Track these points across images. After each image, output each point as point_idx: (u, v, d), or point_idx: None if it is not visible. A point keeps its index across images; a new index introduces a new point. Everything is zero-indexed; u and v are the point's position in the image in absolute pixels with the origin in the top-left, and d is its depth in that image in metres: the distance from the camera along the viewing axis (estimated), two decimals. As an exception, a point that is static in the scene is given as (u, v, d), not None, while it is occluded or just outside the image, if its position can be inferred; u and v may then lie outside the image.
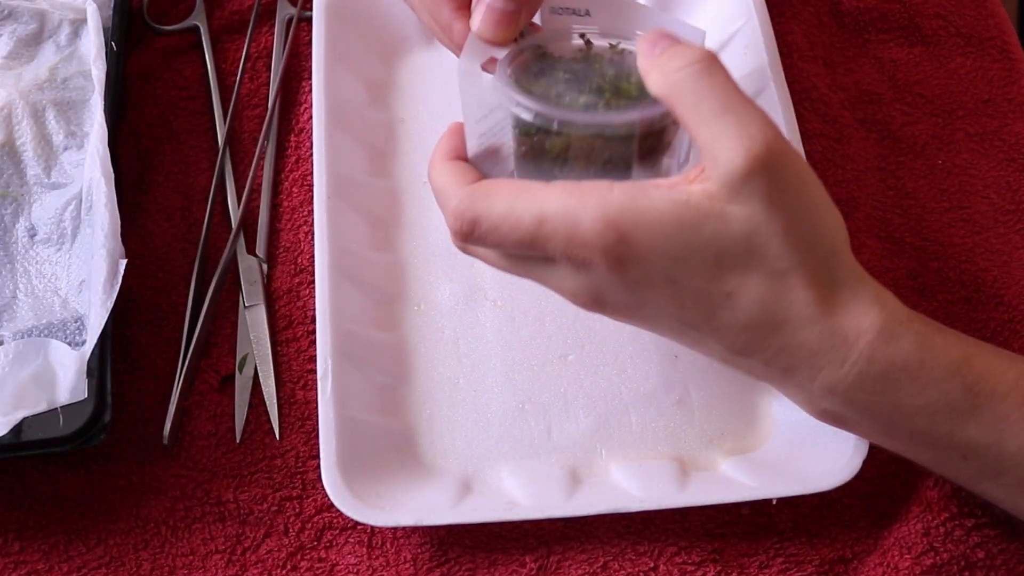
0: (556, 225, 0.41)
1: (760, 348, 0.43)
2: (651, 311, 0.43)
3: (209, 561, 0.51)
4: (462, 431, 0.54)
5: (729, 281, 0.41)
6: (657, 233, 0.40)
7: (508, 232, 0.42)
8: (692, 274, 0.41)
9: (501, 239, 0.43)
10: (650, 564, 0.50)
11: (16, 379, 0.50)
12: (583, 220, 0.41)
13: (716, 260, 0.41)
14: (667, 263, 0.41)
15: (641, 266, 0.41)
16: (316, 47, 0.60)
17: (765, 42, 0.60)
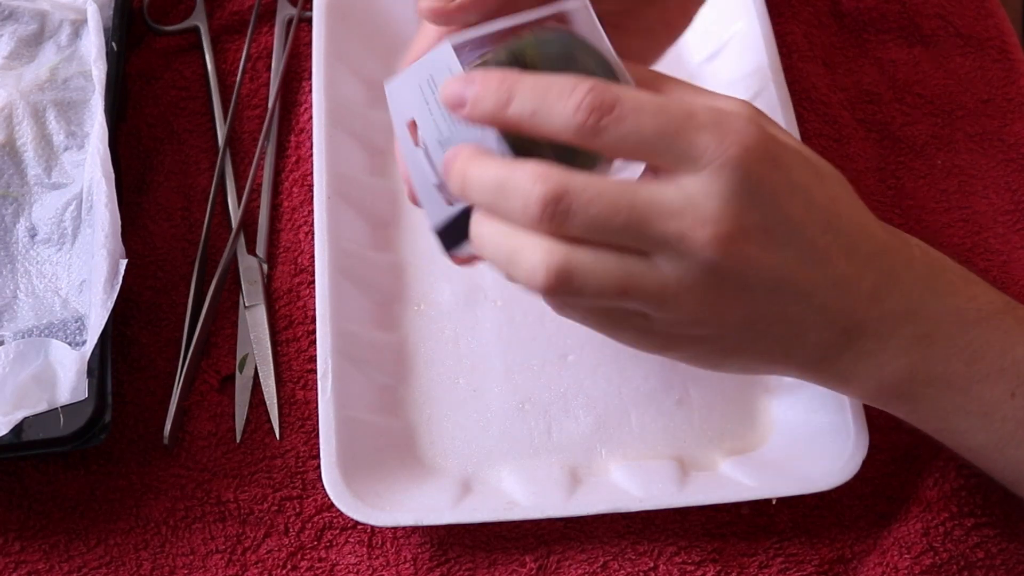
0: (706, 114, 0.38)
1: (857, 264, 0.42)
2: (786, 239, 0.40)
3: (209, 561, 0.51)
4: (462, 431, 0.54)
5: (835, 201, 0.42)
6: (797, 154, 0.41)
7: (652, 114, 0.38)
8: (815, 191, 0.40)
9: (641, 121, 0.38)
10: (650, 564, 0.51)
11: (16, 379, 0.50)
12: (739, 116, 0.39)
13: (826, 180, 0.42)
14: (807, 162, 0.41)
15: (791, 157, 0.40)
16: (316, 47, 0.60)
17: (765, 42, 0.60)
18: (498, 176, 0.39)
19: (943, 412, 0.45)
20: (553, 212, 0.38)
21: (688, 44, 0.64)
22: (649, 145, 0.38)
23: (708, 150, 0.38)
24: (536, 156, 0.40)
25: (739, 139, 0.38)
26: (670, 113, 0.38)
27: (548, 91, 0.39)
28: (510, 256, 0.40)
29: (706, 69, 0.63)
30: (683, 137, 0.38)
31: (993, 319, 0.44)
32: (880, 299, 0.43)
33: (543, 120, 0.39)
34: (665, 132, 0.38)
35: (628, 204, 0.38)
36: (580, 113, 0.38)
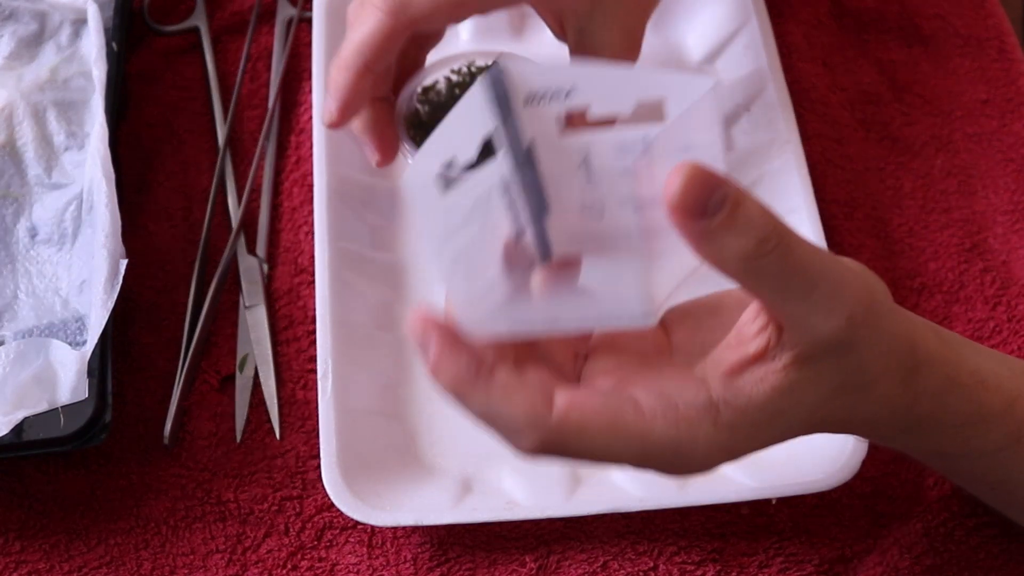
0: (660, 462, 0.38)
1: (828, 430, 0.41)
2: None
3: (209, 561, 0.51)
4: (462, 431, 0.53)
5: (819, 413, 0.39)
6: (767, 425, 0.39)
7: (606, 458, 0.38)
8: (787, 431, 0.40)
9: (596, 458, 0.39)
10: (650, 564, 0.51)
11: (17, 379, 0.50)
12: (692, 458, 0.38)
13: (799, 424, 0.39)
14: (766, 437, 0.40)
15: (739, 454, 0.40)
16: (316, 48, 0.61)
17: (765, 42, 0.60)
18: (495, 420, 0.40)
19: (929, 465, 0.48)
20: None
21: (688, 44, 0.64)
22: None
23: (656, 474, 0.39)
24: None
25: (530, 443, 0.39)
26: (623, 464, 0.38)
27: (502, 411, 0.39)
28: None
29: (706, 69, 0.63)
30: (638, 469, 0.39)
31: (982, 457, 0.43)
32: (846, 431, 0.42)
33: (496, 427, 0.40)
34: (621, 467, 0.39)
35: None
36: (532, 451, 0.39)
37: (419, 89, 0.56)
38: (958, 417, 0.41)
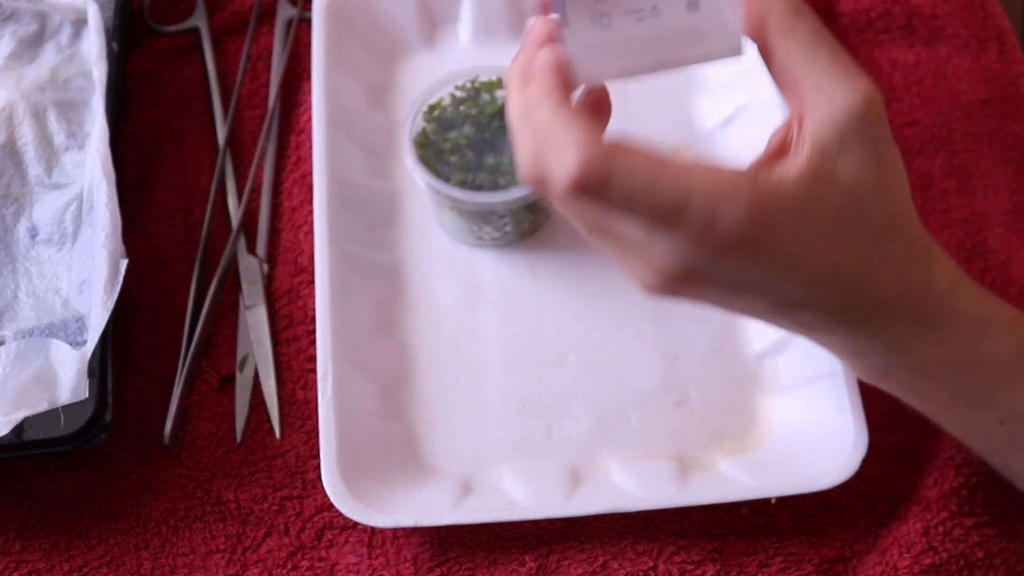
0: (700, 209, 0.38)
1: (842, 312, 0.42)
2: (750, 296, 0.41)
3: (209, 560, 0.52)
4: (462, 431, 0.54)
5: (837, 248, 0.40)
6: (795, 219, 0.39)
7: (644, 202, 0.38)
8: (809, 252, 0.40)
9: (627, 205, 0.38)
10: (650, 563, 0.51)
11: (17, 379, 0.50)
12: (732, 207, 0.38)
13: (832, 231, 0.40)
14: (796, 249, 0.40)
15: (772, 255, 0.40)
16: (316, 49, 0.61)
17: (764, 43, 0.60)
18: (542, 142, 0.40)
19: (926, 412, 0.46)
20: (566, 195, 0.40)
21: (688, 44, 0.64)
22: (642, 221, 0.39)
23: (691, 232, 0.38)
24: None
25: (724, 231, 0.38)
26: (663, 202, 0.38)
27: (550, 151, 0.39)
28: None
29: (706, 70, 0.63)
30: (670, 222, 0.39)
31: (993, 368, 0.43)
32: (858, 333, 0.43)
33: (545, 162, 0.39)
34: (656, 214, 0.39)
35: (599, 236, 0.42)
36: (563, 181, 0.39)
37: (424, 107, 0.56)
38: (972, 312, 0.42)
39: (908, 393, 0.46)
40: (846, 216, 0.40)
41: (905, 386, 0.45)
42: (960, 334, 0.42)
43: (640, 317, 0.56)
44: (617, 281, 0.57)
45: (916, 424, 0.54)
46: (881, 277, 0.41)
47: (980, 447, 0.48)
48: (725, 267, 0.39)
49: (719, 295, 0.42)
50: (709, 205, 0.38)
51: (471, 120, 0.56)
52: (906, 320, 0.42)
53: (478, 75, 0.57)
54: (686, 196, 0.38)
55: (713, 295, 0.42)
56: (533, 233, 0.59)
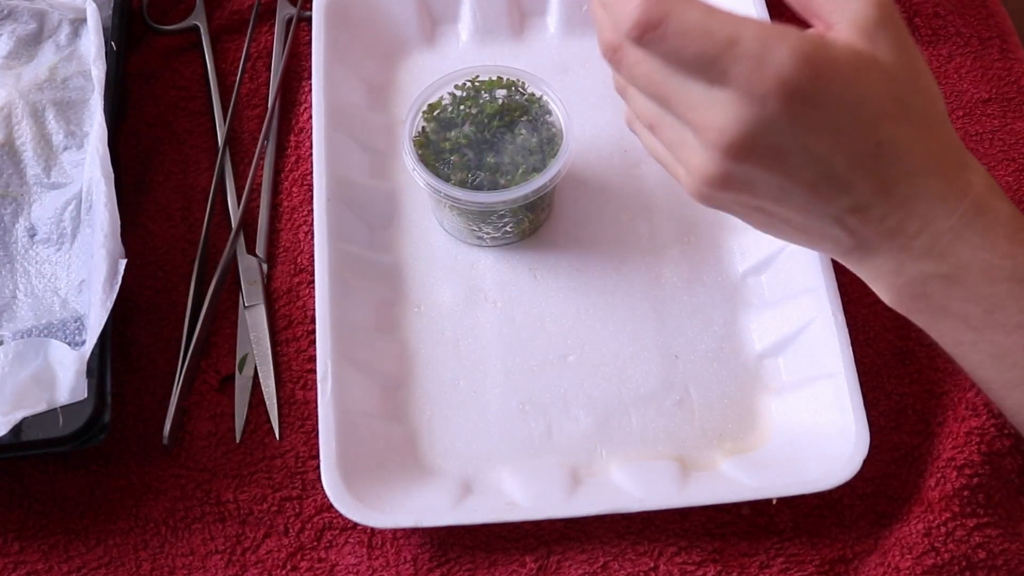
0: (750, 47, 0.40)
1: (885, 201, 0.43)
2: (794, 165, 0.42)
3: (209, 561, 0.51)
4: (462, 432, 0.54)
5: (882, 131, 0.41)
6: (843, 79, 0.40)
7: (695, 39, 0.40)
8: (856, 124, 0.41)
9: (683, 45, 0.40)
10: (650, 564, 0.50)
11: (16, 379, 0.50)
12: (780, 49, 0.40)
13: (877, 111, 0.41)
14: (841, 112, 0.41)
15: (819, 110, 0.40)
16: (316, 48, 0.60)
17: (765, 42, 0.60)
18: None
19: (955, 341, 0.46)
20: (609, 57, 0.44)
21: (688, 44, 0.64)
22: (688, 64, 0.41)
23: (739, 79, 0.40)
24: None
25: (771, 78, 0.40)
26: (714, 39, 0.40)
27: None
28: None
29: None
30: (720, 64, 0.40)
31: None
32: (900, 234, 0.43)
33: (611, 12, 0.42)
34: (704, 56, 0.40)
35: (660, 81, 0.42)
36: (630, 25, 0.41)
37: (424, 107, 0.56)
38: (1009, 217, 0.43)
39: (939, 316, 0.45)
40: (888, 100, 0.41)
41: (938, 305, 0.45)
42: (998, 237, 0.43)
43: (640, 317, 0.56)
44: (617, 281, 0.57)
45: (917, 424, 0.54)
46: (925, 169, 0.42)
47: (1001, 380, 0.47)
48: (777, 122, 0.40)
49: (770, 172, 0.42)
50: (759, 42, 0.40)
51: (471, 119, 0.55)
52: (948, 216, 0.42)
53: (478, 74, 0.57)
54: (737, 33, 0.40)
55: (764, 173, 0.42)
56: (533, 233, 0.59)
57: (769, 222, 0.46)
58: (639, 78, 0.43)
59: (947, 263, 0.43)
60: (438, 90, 0.57)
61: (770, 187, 0.43)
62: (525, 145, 0.55)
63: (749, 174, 0.42)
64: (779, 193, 0.43)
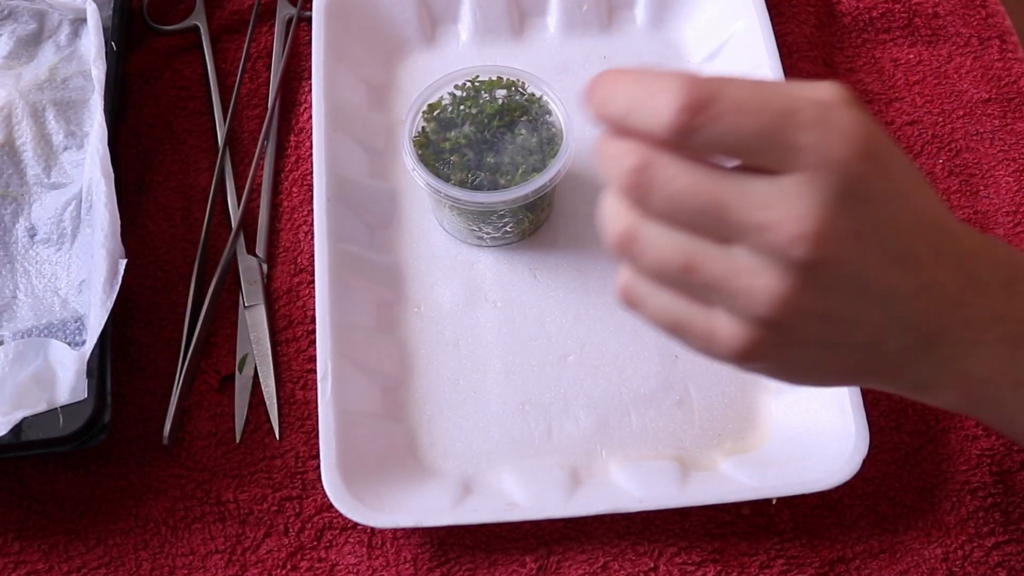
0: (811, 112, 0.35)
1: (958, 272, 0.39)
2: (882, 242, 0.37)
3: (209, 561, 0.51)
4: (462, 432, 0.54)
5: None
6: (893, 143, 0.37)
7: (751, 112, 0.35)
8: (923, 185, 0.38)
9: (739, 121, 0.35)
10: (650, 564, 0.50)
11: (16, 379, 0.50)
12: (841, 109, 0.35)
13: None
14: (911, 170, 0.37)
15: (894, 168, 0.36)
16: (316, 48, 0.60)
17: (765, 42, 0.60)
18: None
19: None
20: (635, 183, 0.37)
21: (688, 44, 0.64)
22: (748, 145, 0.36)
23: (810, 150, 0.35)
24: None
25: (844, 139, 0.35)
26: (772, 110, 0.35)
27: (650, 89, 0.37)
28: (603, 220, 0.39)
29: (706, 69, 0.63)
30: (785, 137, 0.35)
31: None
32: (965, 304, 0.39)
33: (637, 119, 0.37)
34: (765, 132, 0.35)
35: (711, 188, 0.36)
36: (674, 111, 0.35)
37: (424, 107, 0.56)
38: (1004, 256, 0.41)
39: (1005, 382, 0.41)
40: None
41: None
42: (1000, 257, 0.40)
43: (640, 317, 0.56)
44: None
45: (918, 425, 0.54)
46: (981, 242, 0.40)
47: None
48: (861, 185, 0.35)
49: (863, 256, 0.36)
50: (817, 107, 0.35)
51: (471, 119, 0.55)
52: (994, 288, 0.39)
53: (478, 74, 0.57)
54: (792, 101, 0.35)
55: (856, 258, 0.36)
56: (533, 233, 0.59)
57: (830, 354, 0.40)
58: (678, 195, 0.36)
59: (1010, 324, 0.40)
60: (438, 90, 0.57)
61: (854, 282, 0.37)
62: (525, 145, 0.55)
63: (837, 266, 0.36)
64: (857, 291, 0.37)
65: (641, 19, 0.65)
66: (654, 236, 0.38)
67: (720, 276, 0.37)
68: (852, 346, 0.39)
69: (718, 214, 0.36)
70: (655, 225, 0.38)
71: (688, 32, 0.64)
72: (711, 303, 0.38)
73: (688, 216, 0.37)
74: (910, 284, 0.38)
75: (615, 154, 0.37)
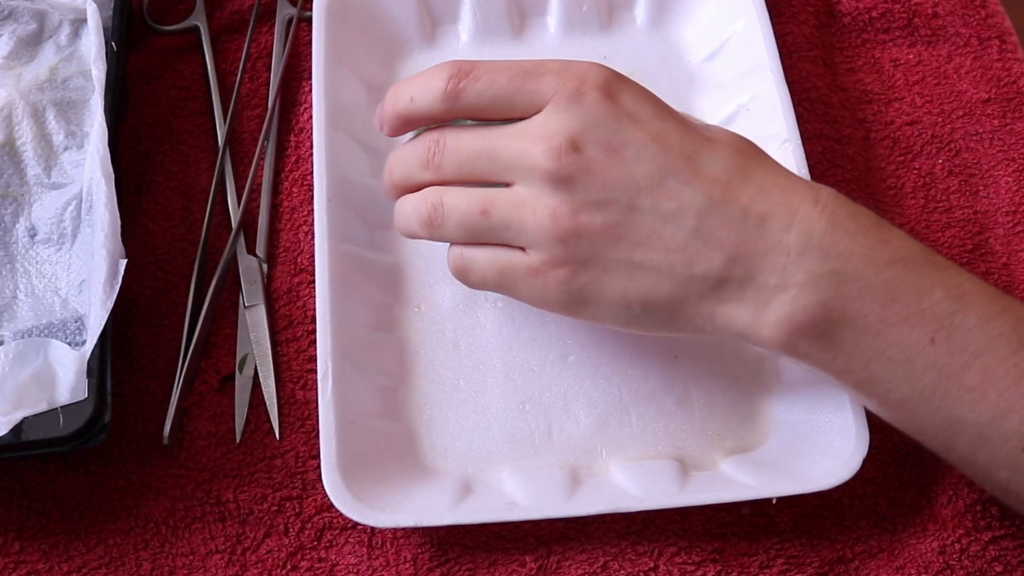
0: (554, 64, 0.44)
1: (738, 189, 0.43)
2: (631, 152, 0.43)
3: (209, 561, 0.51)
4: (462, 431, 0.54)
5: (711, 128, 0.45)
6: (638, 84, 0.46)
7: (503, 69, 0.44)
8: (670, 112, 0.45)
9: (493, 77, 0.44)
10: (650, 564, 0.50)
11: (16, 379, 0.50)
12: (580, 63, 0.45)
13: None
14: (653, 102, 0.45)
15: (632, 94, 0.44)
16: (316, 48, 0.60)
17: (765, 42, 0.60)
18: (402, 150, 0.49)
19: (863, 359, 0.43)
20: (429, 159, 0.47)
21: (688, 44, 0.64)
22: (505, 96, 0.44)
23: (551, 87, 0.43)
24: None
25: (579, 76, 0.44)
26: (521, 66, 0.44)
27: (424, 77, 0.47)
28: (409, 211, 0.48)
29: (706, 69, 0.63)
30: (531, 83, 0.44)
31: (908, 262, 0.43)
32: (772, 228, 0.42)
33: (420, 102, 0.46)
34: (515, 82, 0.44)
35: (480, 137, 0.45)
36: (444, 82, 0.45)
37: None
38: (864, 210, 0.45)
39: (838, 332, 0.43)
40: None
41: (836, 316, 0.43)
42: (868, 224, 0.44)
43: (640, 317, 0.56)
44: (617, 281, 0.57)
45: (917, 424, 0.54)
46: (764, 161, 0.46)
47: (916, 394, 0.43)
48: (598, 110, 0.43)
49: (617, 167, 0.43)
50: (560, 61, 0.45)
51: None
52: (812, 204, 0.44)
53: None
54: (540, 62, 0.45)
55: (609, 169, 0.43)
56: None
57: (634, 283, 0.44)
58: (462, 149, 0.46)
59: (830, 257, 0.42)
60: None
61: (613, 191, 0.43)
62: None
63: (593, 177, 0.43)
64: (625, 197, 0.43)
65: (641, 19, 0.65)
66: (453, 198, 0.46)
67: (509, 211, 0.44)
68: (660, 269, 0.44)
69: (492, 156, 0.45)
70: (454, 190, 0.46)
71: (688, 32, 0.65)
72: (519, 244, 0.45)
73: (472, 167, 0.45)
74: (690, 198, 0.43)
75: (415, 146, 0.47)
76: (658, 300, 0.45)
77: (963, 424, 0.43)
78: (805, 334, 0.43)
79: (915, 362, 0.43)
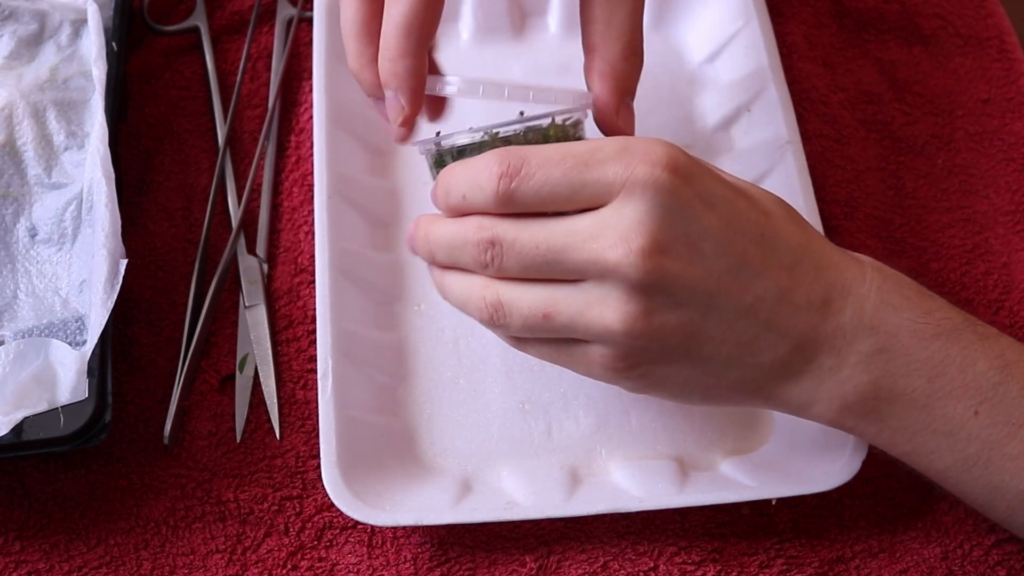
0: (613, 146, 0.40)
1: (801, 277, 0.42)
2: (707, 253, 0.41)
3: (209, 561, 0.51)
4: (462, 431, 0.54)
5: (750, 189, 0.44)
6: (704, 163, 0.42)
7: (558, 162, 0.40)
8: (737, 197, 0.42)
9: (549, 172, 0.40)
10: (650, 564, 0.51)
11: (17, 379, 0.50)
12: (640, 141, 0.40)
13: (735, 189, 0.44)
14: (722, 184, 0.41)
15: (699, 170, 0.41)
16: (317, 48, 0.60)
17: (765, 42, 0.60)
18: (450, 232, 0.43)
19: (908, 432, 0.44)
20: (488, 262, 0.42)
21: (689, 44, 0.64)
22: (565, 193, 0.40)
23: (617, 177, 0.39)
24: None
25: (645, 158, 0.39)
26: (576, 155, 0.40)
27: (472, 171, 0.42)
28: (464, 298, 0.44)
29: (706, 69, 0.63)
30: (591, 173, 0.40)
31: (952, 334, 0.43)
32: (832, 312, 0.43)
33: (474, 201, 0.42)
34: (574, 174, 0.40)
35: (545, 238, 0.41)
36: (495, 181, 0.41)
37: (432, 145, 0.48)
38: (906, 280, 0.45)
39: (887, 408, 0.44)
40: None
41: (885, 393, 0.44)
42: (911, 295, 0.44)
43: (640, 317, 0.56)
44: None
45: (917, 424, 0.54)
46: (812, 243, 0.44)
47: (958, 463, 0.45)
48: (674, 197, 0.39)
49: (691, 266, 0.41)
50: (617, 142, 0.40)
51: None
52: (862, 281, 0.43)
53: (498, 131, 0.46)
54: (595, 143, 0.41)
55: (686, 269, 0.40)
56: None
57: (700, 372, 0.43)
58: (523, 251, 0.41)
59: (879, 334, 0.43)
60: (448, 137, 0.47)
61: (695, 292, 0.41)
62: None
63: (676, 280, 0.40)
64: (705, 298, 0.41)
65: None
66: (515, 297, 0.42)
67: (576, 312, 0.41)
68: (727, 360, 0.43)
69: (558, 257, 0.41)
70: (513, 287, 0.42)
71: (688, 33, 0.65)
72: (580, 339, 0.43)
73: (537, 271, 0.41)
74: (762, 291, 0.42)
75: (464, 238, 0.43)
76: (721, 386, 0.44)
77: (1004, 490, 0.44)
78: (853, 411, 0.44)
79: (959, 434, 0.44)
